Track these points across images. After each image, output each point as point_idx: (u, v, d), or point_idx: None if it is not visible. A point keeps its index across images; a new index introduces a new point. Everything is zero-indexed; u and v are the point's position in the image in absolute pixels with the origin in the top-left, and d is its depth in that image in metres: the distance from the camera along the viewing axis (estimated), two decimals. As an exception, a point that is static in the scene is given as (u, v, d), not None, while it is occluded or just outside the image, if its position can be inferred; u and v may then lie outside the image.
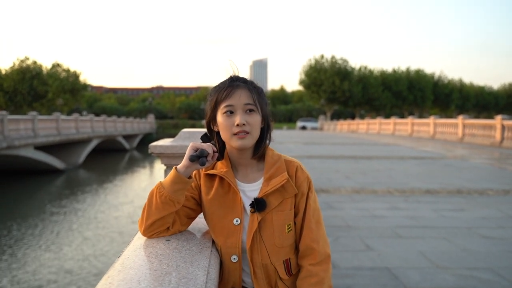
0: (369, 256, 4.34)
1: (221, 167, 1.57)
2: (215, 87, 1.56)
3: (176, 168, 1.49)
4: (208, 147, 1.47)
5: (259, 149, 1.56)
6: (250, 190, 1.56)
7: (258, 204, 1.50)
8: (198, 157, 1.45)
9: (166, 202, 1.46)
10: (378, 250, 4.52)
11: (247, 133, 1.48)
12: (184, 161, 1.48)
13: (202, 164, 1.45)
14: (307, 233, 1.55)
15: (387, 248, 4.62)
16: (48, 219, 15.22)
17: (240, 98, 1.48)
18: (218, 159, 1.55)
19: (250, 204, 1.51)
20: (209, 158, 1.47)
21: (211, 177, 1.60)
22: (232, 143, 1.50)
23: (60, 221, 15.01)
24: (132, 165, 36.42)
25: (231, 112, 1.49)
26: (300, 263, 1.56)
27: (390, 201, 7.06)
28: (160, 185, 1.48)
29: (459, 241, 4.86)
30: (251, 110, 1.49)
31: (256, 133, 1.51)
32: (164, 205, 1.46)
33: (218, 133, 1.57)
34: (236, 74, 1.58)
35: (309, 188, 1.58)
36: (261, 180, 1.56)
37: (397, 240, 4.93)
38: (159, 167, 31.16)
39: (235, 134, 1.48)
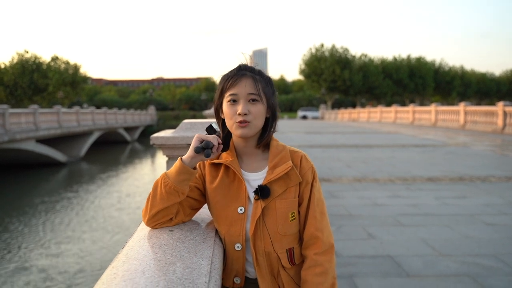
0: (372, 244, 4.36)
1: (226, 157, 1.58)
2: (224, 75, 1.57)
3: (181, 158, 1.51)
4: (213, 139, 1.49)
5: (263, 139, 1.57)
6: (254, 179, 1.57)
7: (262, 191, 1.51)
8: (203, 149, 1.46)
9: (171, 192, 1.48)
10: (380, 238, 4.54)
11: (249, 122, 1.48)
12: (189, 152, 1.49)
13: (207, 156, 1.46)
14: (311, 222, 1.55)
15: (389, 236, 4.63)
16: (50, 212, 15.30)
17: (245, 87, 1.49)
18: (223, 150, 1.57)
19: (254, 191, 1.52)
20: (214, 149, 1.49)
21: (216, 166, 1.61)
22: (234, 131, 1.52)
23: (62, 214, 15.09)
24: (133, 157, 36.50)
25: (235, 101, 1.50)
26: (304, 253, 1.56)
27: (392, 189, 7.07)
28: (165, 176, 1.50)
29: (461, 228, 4.88)
30: (254, 100, 1.50)
31: (258, 123, 1.51)
32: (169, 195, 1.48)
33: (224, 120, 1.58)
34: (249, 63, 1.58)
35: (314, 178, 1.59)
36: (265, 169, 1.57)
37: (399, 228, 4.94)
38: (160, 158, 31.27)
39: (237, 123, 1.49)
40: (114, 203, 16.67)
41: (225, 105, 1.52)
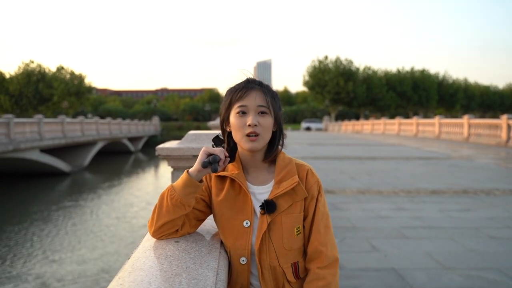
0: (375, 257, 4.34)
1: (232, 169, 1.58)
2: (231, 88, 1.58)
3: (187, 171, 1.50)
4: (220, 152, 1.49)
5: (271, 153, 1.57)
6: (260, 192, 1.57)
7: (268, 206, 1.51)
8: (210, 163, 1.46)
9: (177, 205, 1.48)
10: (384, 251, 4.52)
11: (258, 134, 1.49)
12: (196, 165, 1.49)
13: (214, 170, 1.46)
14: (315, 236, 1.55)
15: (393, 248, 4.61)
16: (54, 222, 15.30)
17: (255, 99, 1.50)
18: (229, 162, 1.57)
19: (260, 206, 1.52)
20: (220, 163, 1.48)
21: (222, 179, 1.61)
22: (242, 145, 1.52)
23: (65, 224, 15.09)
24: (136, 167, 36.52)
25: (244, 113, 1.50)
26: (308, 266, 1.56)
27: (396, 202, 7.05)
28: (171, 188, 1.50)
29: (465, 242, 4.85)
30: (263, 112, 1.51)
31: (267, 136, 1.52)
32: (175, 208, 1.48)
33: (230, 133, 1.58)
34: (255, 77, 1.60)
35: (319, 192, 1.59)
36: (271, 183, 1.57)
37: (403, 241, 4.92)
38: (163, 169, 31.26)
39: (247, 135, 1.49)
40: (111, 213, 16.77)
41: (233, 117, 1.52)
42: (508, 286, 3.59)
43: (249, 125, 1.48)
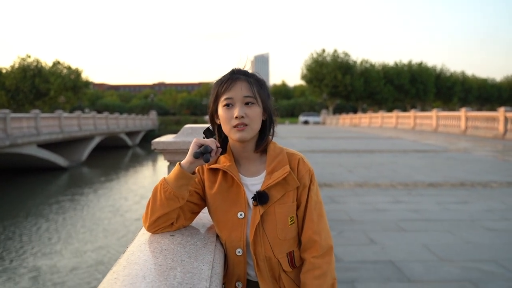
0: (373, 250, 4.35)
1: (224, 161, 1.57)
2: (217, 80, 1.56)
3: (180, 163, 1.49)
4: (212, 143, 1.48)
5: (262, 143, 1.56)
6: (252, 184, 1.56)
7: (261, 197, 1.50)
8: (202, 154, 1.45)
9: (171, 198, 1.47)
10: (381, 244, 4.53)
11: (246, 125, 1.47)
12: (188, 157, 1.48)
13: (206, 161, 1.45)
14: (308, 225, 1.55)
15: (391, 241, 4.63)
16: (50, 216, 15.31)
17: (241, 90, 1.49)
18: (221, 154, 1.56)
19: (252, 197, 1.52)
20: (212, 154, 1.47)
21: (214, 171, 1.60)
22: (231, 135, 1.51)
23: (61, 218, 15.10)
24: (135, 161, 36.53)
25: (231, 105, 1.49)
26: (303, 256, 1.56)
27: (393, 195, 7.06)
28: (164, 181, 1.49)
29: (463, 234, 4.87)
30: (250, 103, 1.49)
31: (255, 126, 1.51)
32: (169, 201, 1.47)
33: (220, 125, 1.57)
34: (243, 66, 1.58)
35: (311, 181, 1.58)
36: (263, 174, 1.56)
37: (401, 234, 4.93)
38: (161, 163, 31.25)
39: (234, 127, 1.48)
40: (107, 207, 16.85)
41: (221, 110, 1.51)
42: (505, 278, 3.61)
43: (236, 117, 1.47)
